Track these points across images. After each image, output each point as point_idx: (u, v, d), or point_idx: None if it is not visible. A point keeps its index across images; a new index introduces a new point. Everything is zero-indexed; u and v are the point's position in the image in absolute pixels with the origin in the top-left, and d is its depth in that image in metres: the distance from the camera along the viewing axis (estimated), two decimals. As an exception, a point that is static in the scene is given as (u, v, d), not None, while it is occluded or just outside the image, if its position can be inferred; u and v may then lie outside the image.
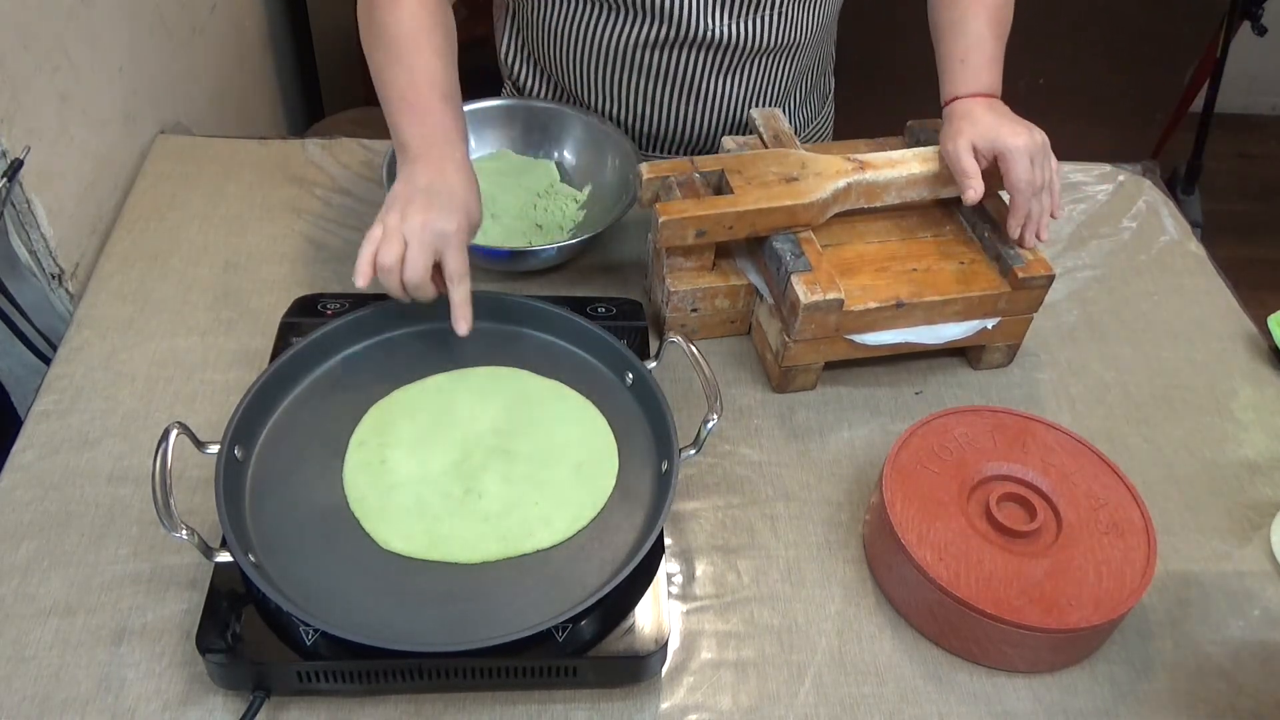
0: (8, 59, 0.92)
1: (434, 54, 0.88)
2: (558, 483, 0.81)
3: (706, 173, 0.96)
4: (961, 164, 0.93)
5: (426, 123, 0.86)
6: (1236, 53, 2.23)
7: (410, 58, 0.88)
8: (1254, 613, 0.83)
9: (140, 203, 1.10)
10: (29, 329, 1.02)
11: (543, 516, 0.78)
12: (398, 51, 0.88)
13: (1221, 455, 0.95)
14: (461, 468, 0.81)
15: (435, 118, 0.86)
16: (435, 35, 0.89)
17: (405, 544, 0.76)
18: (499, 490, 0.80)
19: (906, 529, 0.78)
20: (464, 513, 0.78)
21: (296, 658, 0.69)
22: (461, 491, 0.80)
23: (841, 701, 0.75)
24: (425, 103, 0.87)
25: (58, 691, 0.72)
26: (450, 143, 0.86)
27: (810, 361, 0.94)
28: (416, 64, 0.87)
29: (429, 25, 0.89)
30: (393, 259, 0.80)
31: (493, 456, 0.82)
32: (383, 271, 0.80)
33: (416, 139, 0.85)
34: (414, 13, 0.89)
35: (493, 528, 0.77)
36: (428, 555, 0.76)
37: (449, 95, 0.88)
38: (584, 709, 0.74)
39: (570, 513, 0.79)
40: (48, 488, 0.84)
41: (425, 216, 0.81)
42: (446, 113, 0.87)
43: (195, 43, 1.40)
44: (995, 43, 0.97)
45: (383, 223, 0.82)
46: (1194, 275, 1.14)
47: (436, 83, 0.87)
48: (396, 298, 0.83)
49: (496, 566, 0.76)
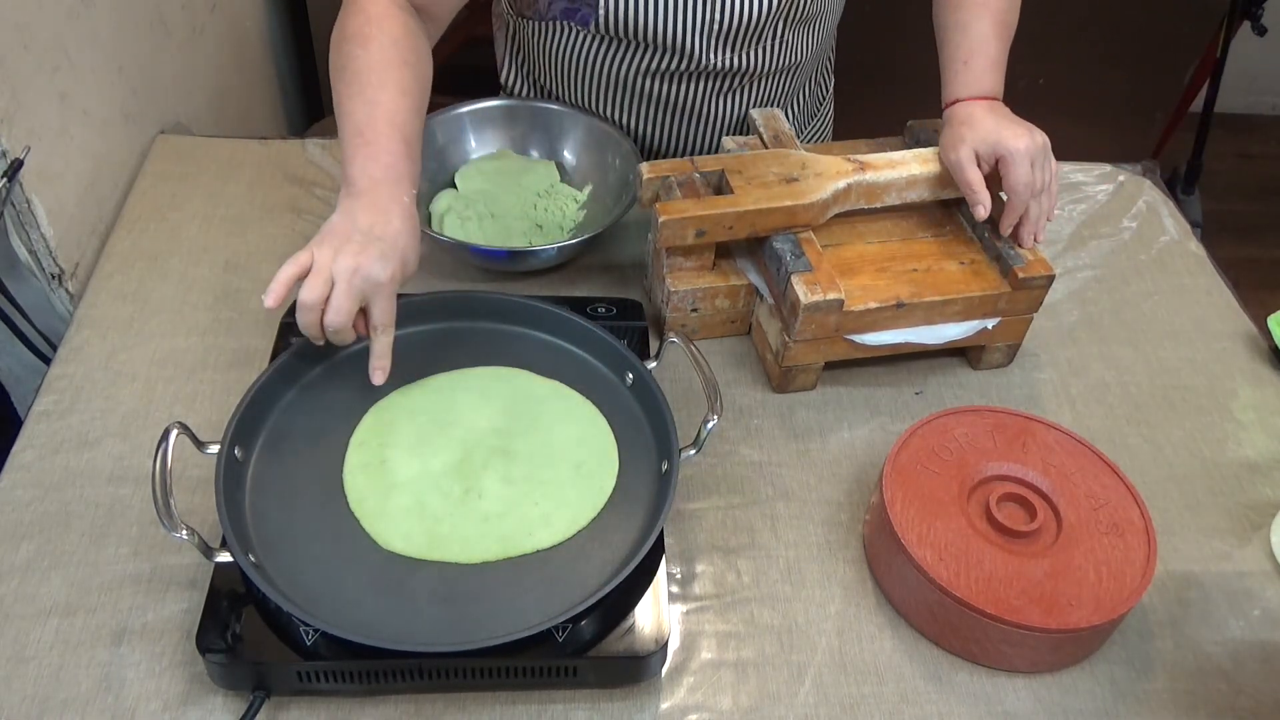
0: (8, 59, 0.92)
1: (399, 92, 0.85)
2: (558, 483, 0.81)
3: (706, 173, 0.96)
4: (966, 176, 0.93)
5: (379, 161, 0.82)
6: (1236, 53, 2.23)
7: (373, 92, 0.84)
8: (1254, 613, 0.83)
9: (140, 203, 1.10)
10: (29, 329, 1.02)
11: (543, 516, 0.78)
12: (360, 85, 0.84)
13: (1221, 455, 0.95)
14: (461, 468, 0.81)
15: (388, 158, 0.82)
16: (404, 73, 0.86)
17: (405, 544, 0.76)
18: (499, 490, 0.80)
19: (906, 529, 0.78)
20: (464, 513, 0.78)
21: (296, 658, 0.69)
22: (461, 491, 0.80)
23: (841, 701, 0.75)
24: (382, 141, 0.83)
25: (58, 691, 0.72)
26: (399, 185, 0.82)
27: (810, 361, 0.94)
28: (379, 99, 0.84)
29: (398, 62, 0.86)
30: (315, 297, 0.77)
31: (493, 456, 0.82)
32: (303, 308, 0.77)
33: (364, 177, 0.82)
34: (384, 48, 0.86)
35: (492, 528, 0.78)
36: (427, 555, 0.76)
37: (408, 137, 0.85)
38: (584, 709, 0.74)
39: (570, 513, 0.79)
40: (48, 488, 0.84)
41: (359, 260, 0.77)
42: (402, 154, 0.83)
43: (195, 43, 1.40)
44: (999, 45, 0.97)
45: (312, 253, 0.78)
46: (1194, 275, 1.14)
47: (396, 122, 0.84)
48: (309, 336, 0.80)
49: (496, 566, 0.76)
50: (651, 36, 1.03)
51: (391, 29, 0.87)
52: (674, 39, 1.03)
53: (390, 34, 0.87)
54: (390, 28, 0.87)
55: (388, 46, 0.86)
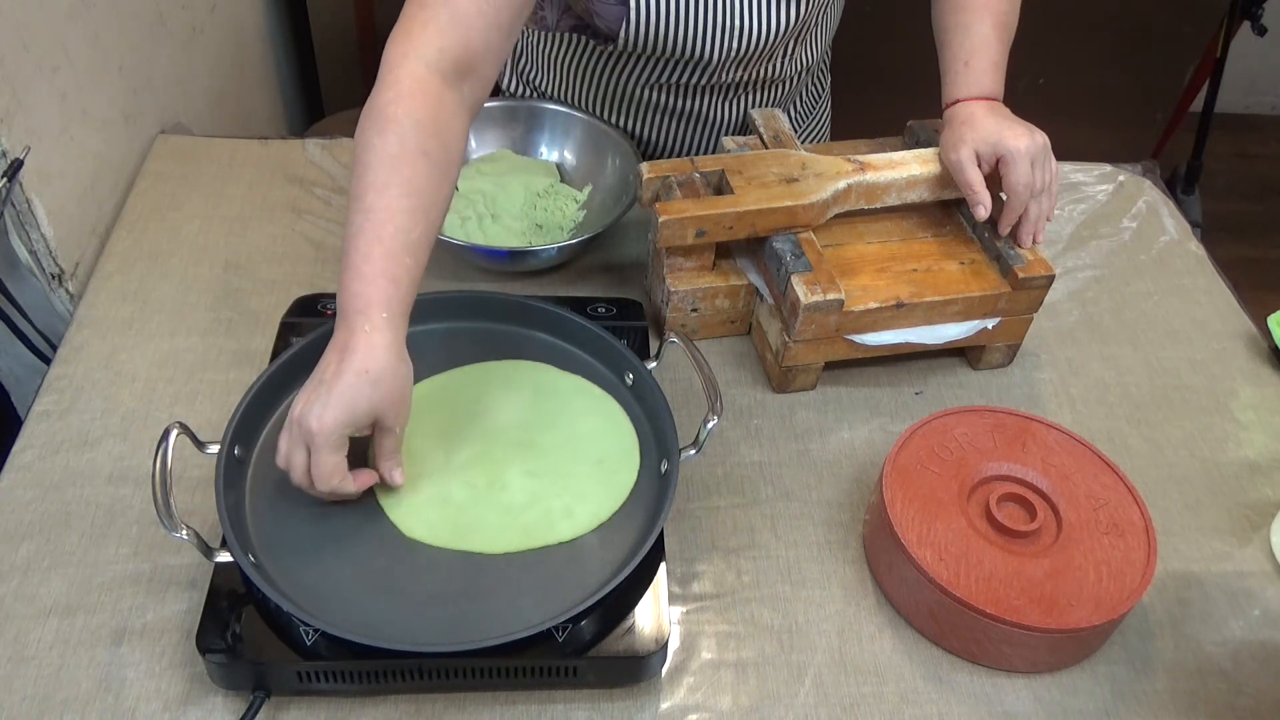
0: (8, 59, 0.92)
1: (402, 193, 0.74)
2: (580, 477, 0.81)
3: (706, 173, 0.96)
4: (967, 176, 0.93)
5: (349, 289, 0.72)
6: (1236, 53, 2.23)
7: (372, 197, 0.73)
8: (1254, 613, 0.83)
9: (140, 203, 1.10)
10: (29, 329, 1.02)
11: (565, 509, 0.79)
12: (363, 186, 0.74)
13: (1221, 455, 0.95)
14: (485, 459, 0.82)
15: (359, 284, 0.72)
16: (416, 167, 0.75)
17: (429, 532, 0.76)
18: (522, 483, 0.80)
19: (906, 529, 0.78)
20: (488, 504, 0.79)
21: (296, 658, 0.69)
22: (485, 483, 0.80)
23: (841, 701, 0.75)
24: (357, 262, 0.73)
25: (58, 691, 0.72)
26: (364, 314, 0.72)
27: (810, 361, 0.94)
28: (375, 206, 0.73)
29: (413, 153, 0.75)
30: (280, 462, 0.73)
31: (516, 449, 0.83)
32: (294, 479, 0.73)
33: (340, 306, 0.73)
34: (402, 136, 0.75)
35: (515, 519, 0.78)
36: (451, 545, 0.76)
37: (392, 250, 0.73)
38: (584, 709, 0.74)
39: (591, 507, 0.79)
40: (48, 488, 0.84)
41: (303, 409, 0.71)
42: (378, 275, 0.72)
43: (195, 43, 1.40)
44: (1000, 46, 0.97)
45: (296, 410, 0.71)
46: (1194, 275, 1.14)
47: (384, 235, 0.73)
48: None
49: (497, 565, 0.76)
50: (671, 53, 1.03)
51: (416, 110, 0.76)
52: (692, 57, 1.03)
53: (414, 117, 0.75)
54: (416, 109, 0.76)
55: (407, 134, 0.75)
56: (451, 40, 0.78)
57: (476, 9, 0.79)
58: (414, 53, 0.77)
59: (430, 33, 0.78)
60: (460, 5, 0.78)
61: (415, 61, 0.77)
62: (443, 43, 0.78)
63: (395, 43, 0.78)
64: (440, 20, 0.78)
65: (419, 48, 0.77)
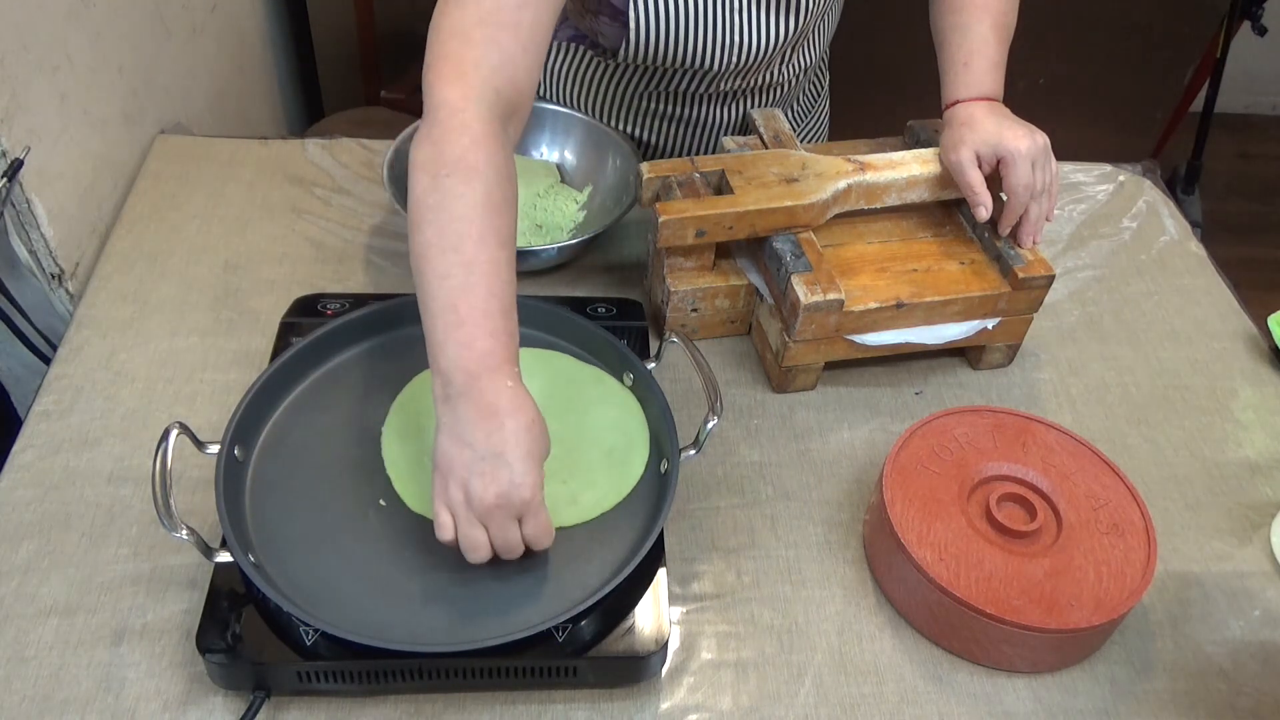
0: (8, 59, 0.92)
1: (499, 243, 0.73)
2: (587, 464, 0.82)
3: (706, 173, 0.96)
4: (967, 177, 0.94)
5: (475, 348, 0.70)
6: (1236, 53, 2.23)
7: (472, 249, 0.71)
8: (1254, 613, 0.83)
9: (140, 203, 1.10)
10: (29, 329, 1.02)
11: (570, 496, 0.79)
12: (459, 237, 0.72)
13: (1221, 455, 0.95)
14: None
15: (487, 341, 0.71)
16: (506, 217, 0.74)
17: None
18: None
19: (906, 529, 0.78)
20: None
21: (296, 658, 0.69)
22: None
23: (841, 702, 0.75)
24: (478, 319, 0.71)
25: (58, 691, 0.72)
26: (499, 372, 0.71)
27: (810, 361, 0.94)
28: (478, 260, 0.71)
29: (501, 203, 0.73)
30: (485, 554, 0.71)
31: None
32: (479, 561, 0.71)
33: (459, 371, 0.70)
34: (489, 186, 0.73)
35: None
36: None
37: (506, 305, 0.73)
38: (584, 709, 0.74)
39: (596, 495, 0.80)
40: (48, 488, 0.84)
41: (495, 490, 0.69)
42: (500, 330, 0.72)
43: (195, 43, 1.40)
44: (999, 47, 0.97)
45: (445, 504, 0.70)
46: (1194, 275, 1.14)
47: (496, 290, 0.72)
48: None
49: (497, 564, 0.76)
50: (670, 65, 1.03)
51: (496, 157, 0.74)
52: (691, 67, 1.03)
53: (496, 165, 0.74)
54: (495, 155, 0.74)
55: (493, 185, 0.73)
56: (503, 81, 0.77)
57: (521, 46, 0.78)
58: (474, 96, 0.75)
59: (485, 74, 0.76)
60: (506, 43, 0.77)
61: (478, 105, 0.75)
62: (497, 83, 0.76)
63: (448, 83, 0.75)
64: (492, 60, 0.76)
65: (477, 90, 0.75)
